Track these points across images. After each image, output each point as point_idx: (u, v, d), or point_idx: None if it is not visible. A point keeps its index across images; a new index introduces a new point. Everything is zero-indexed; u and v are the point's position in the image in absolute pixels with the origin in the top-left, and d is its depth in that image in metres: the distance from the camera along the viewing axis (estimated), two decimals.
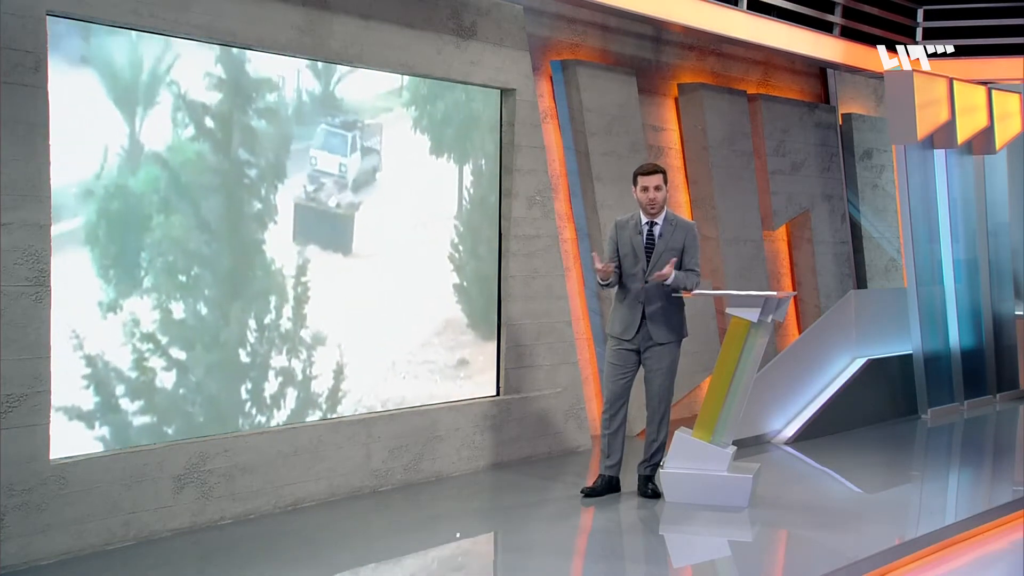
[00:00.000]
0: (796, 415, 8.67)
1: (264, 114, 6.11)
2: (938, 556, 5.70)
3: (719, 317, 9.39)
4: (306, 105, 6.33)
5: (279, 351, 6.19)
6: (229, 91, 5.92)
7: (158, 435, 5.61)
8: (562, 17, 8.43)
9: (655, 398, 6.40)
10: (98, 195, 5.36)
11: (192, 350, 5.77)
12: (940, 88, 10.14)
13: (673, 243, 6.30)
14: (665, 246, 6.29)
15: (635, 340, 6.31)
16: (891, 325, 9.72)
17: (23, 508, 4.97)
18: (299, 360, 6.28)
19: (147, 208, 5.57)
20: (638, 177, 6.34)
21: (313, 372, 6.37)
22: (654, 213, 6.31)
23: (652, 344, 6.30)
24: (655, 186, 6.30)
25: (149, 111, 5.56)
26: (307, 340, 6.33)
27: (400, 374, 6.85)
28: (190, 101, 5.74)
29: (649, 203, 6.29)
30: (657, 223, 6.33)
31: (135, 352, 5.52)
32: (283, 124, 6.22)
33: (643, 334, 6.29)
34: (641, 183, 6.32)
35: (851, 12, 10.94)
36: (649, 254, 6.28)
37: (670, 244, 6.30)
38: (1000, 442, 9.39)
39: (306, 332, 6.32)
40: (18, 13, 4.95)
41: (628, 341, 6.32)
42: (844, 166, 11.39)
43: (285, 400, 6.23)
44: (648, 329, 6.28)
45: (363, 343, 6.63)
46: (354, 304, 6.59)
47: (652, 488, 6.36)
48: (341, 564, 5.26)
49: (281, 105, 6.19)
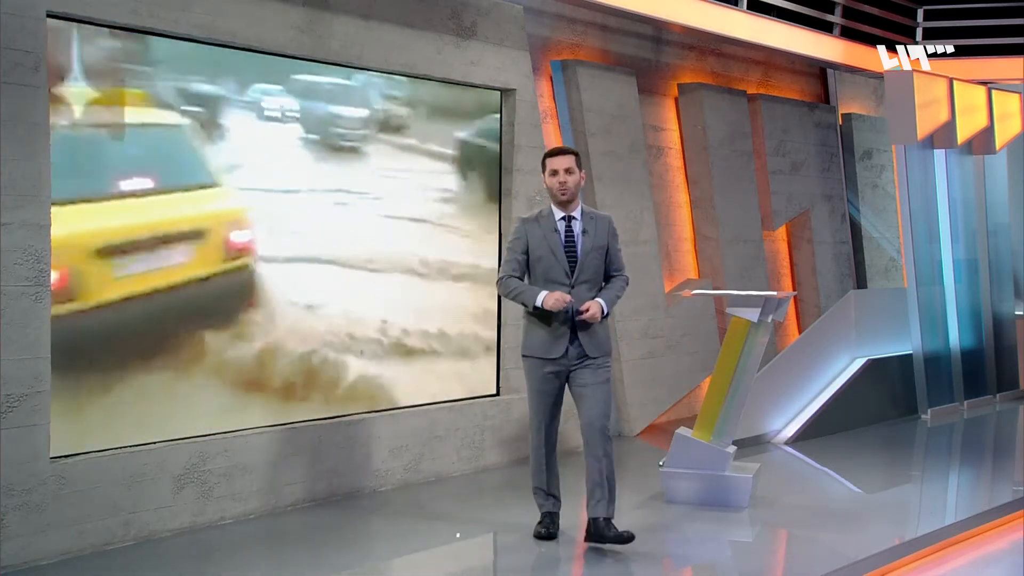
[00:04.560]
0: (796, 415, 8.68)
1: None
2: (938, 556, 5.71)
3: (719, 317, 9.40)
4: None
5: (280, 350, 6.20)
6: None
7: (158, 435, 5.61)
8: (562, 17, 8.43)
9: (598, 418, 5.26)
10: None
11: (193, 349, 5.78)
12: (940, 88, 10.15)
13: (598, 241, 5.34)
14: (591, 244, 5.31)
15: (563, 360, 5.28)
16: (891, 325, 9.73)
17: (23, 508, 4.98)
18: (299, 360, 6.29)
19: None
20: (546, 160, 5.38)
21: (313, 372, 6.37)
22: (567, 202, 5.31)
23: (586, 360, 5.31)
24: (566, 168, 5.29)
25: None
26: (307, 339, 6.33)
27: (400, 374, 6.85)
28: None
29: (560, 188, 5.27)
30: (575, 217, 5.33)
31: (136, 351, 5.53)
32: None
33: (575, 351, 5.28)
34: (550, 166, 5.33)
35: (851, 12, 10.94)
36: (571, 255, 5.29)
37: (596, 243, 5.33)
38: (1000, 442, 9.39)
39: (306, 332, 6.32)
40: (18, 13, 4.95)
41: (554, 362, 5.28)
42: (844, 166, 11.40)
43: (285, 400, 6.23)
44: (581, 345, 5.28)
45: (363, 343, 6.63)
46: (354, 304, 6.59)
47: (618, 531, 5.29)
48: (341, 564, 5.26)
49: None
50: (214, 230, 5.85)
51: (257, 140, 6.04)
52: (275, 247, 6.15)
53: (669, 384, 8.94)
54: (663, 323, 8.89)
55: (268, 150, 6.12)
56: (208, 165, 5.80)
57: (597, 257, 5.33)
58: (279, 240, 6.17)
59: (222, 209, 5.91)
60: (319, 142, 6.38)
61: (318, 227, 6.38)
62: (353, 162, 6.59)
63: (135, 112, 5.47)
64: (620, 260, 5.44)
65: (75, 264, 5.22)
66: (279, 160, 6.18)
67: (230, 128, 5.88)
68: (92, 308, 5.30)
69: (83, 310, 5.27)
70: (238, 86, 5.93)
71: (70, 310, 5.21)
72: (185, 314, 5.71)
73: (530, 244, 5.32)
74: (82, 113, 5.27)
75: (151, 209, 5.54)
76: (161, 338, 5.61)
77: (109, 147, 5.40)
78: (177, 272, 5.67)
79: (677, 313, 9.06)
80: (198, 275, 5.76)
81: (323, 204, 6.41)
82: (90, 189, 5.31)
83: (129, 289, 5.45)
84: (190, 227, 5.71)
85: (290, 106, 6.22)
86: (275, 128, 6.15)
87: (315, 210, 6.37)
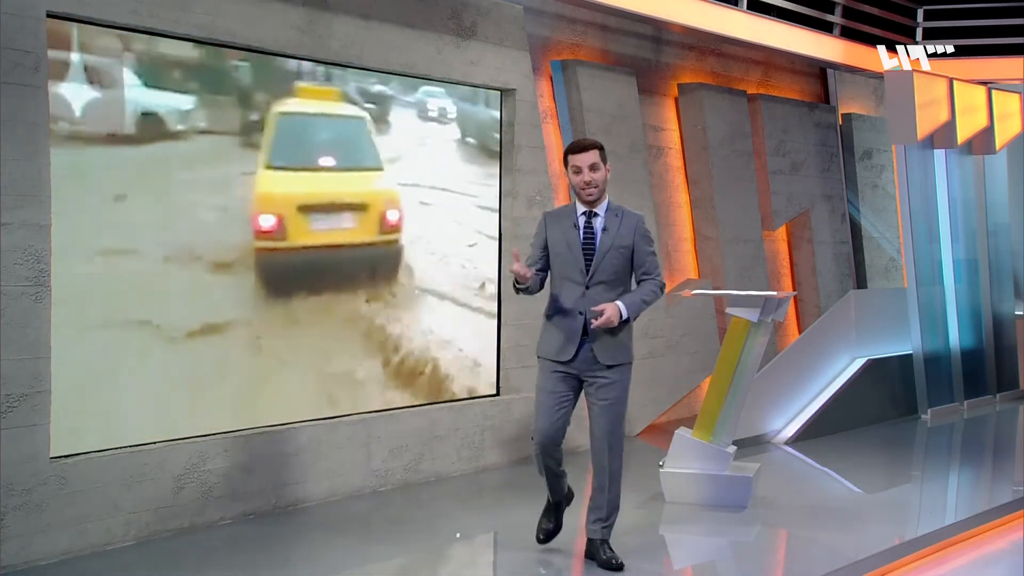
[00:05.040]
0: (796, 415, 8.68)
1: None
2: (938, 556, 5.71)
3: (719, 317, 9.39)
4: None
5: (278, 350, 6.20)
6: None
7: (158, 435, 5.61)
8: (562, 17, 8.43)
9: (603, 438, 4.94)
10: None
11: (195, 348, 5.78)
12: (940, 88, 10.15)
13: (620, 240, 4.93)
14: (611, 243, 4.91)
15: (574, 364, 4.92)
16: (891, 325, 9.73)
17: (23, 508, 4.97)
18: (298, 360, 6.29)
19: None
20: (568, 157, 4.97)
21: (313, 372, 6.37)
22: (592, 201, 4.95)
23: (598, 369, 4.91)
24: (590, 165, 4.90)
25: None
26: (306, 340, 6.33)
27: (399, 374, 6.85)
28: None
29: (584, 187, 4.92)
30: (598, 213, 4.96)
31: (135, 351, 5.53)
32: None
33: (584, 356, 4.90)
34: (572, 163, 4.94)
35: (851, 12, 10.94)
36: (588, 253, 4.91)
37: (616, 241, 4.92)
38: (1000, 442, 9.39)
39: (305, 331, 6.32)
40: (18, 13, 4.95)
41: (565, 364, 4.92)
42: (844, 166, 11.40)
43: (284, 400, 6.23)
44: (591, 350, 4.90)
45: (363, 343, 6.63)
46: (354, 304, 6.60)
47: (610, 556, 5.03)
48: (341, 564, 5.26)
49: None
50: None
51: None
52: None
53: (669, 384, 8.94)
54: (663, 323, 8.89)
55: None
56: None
57: (618, 257, 4.90)
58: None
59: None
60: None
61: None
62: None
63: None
64: (651, 263, 4.97)
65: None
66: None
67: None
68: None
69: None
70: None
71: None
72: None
73: (549, 239, 4.99)
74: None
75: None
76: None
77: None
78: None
79: (677, 313, 9.06)
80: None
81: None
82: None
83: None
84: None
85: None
86: None
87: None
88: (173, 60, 5.66)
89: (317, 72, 6.41)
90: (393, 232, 6.80)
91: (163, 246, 5.60)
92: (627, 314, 4.84)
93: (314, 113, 6.40)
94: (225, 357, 5.89)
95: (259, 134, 6.05)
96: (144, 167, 5.52)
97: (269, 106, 6.11)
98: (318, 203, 6.39)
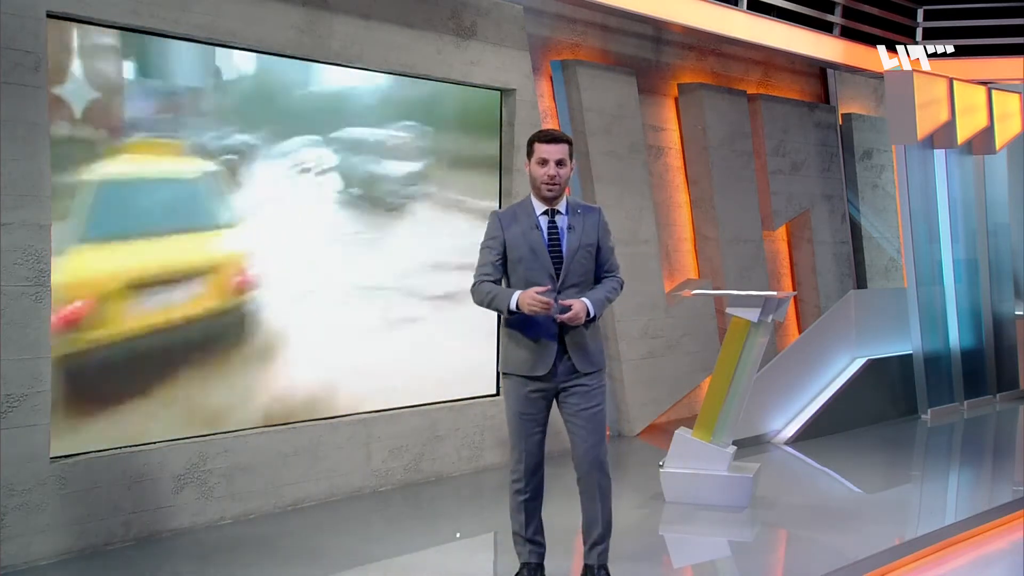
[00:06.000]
0: (796, 415, 8.68)
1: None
2: (938, 556, 5.70)
3: (719, 317, 9.40)
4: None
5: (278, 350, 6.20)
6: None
7: (158, 435, 5.61)
8: (562, 17, 8.43)
9: (590, 450, 4.51)
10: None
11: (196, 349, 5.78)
12: (940, 88, 10.15)
13: (586, 238, 4.51)
14: (579, 242, 4.48)
15: (551, 377, 4.47)
16: (891, 325, 9.73)
17: (23, 508, 4.97)
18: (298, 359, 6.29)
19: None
20: (535, 145, 4.48)
21: (313, 372, 6.37)
22: (552, 198, 4.48)
23: (576, 378, 4.49)
24: (557, 160, 4.44)
25: None
26: (306, 339, 6.33)
27: (399, 374, 6.85)
28: None
29: (548, 181, 4.44)
30: (560, 211, 4.50)
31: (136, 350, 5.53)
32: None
33: (564, 367, 4.47)
34: (539, 153, 4.46)
35: (851, 12, 10.93)
36: (556, 255, 4.47)
37: (584, 240, 4.50)
38: (1000, 442, 9.39)
39: (305, 331, 6.32)
40: (18, 13, 4.95)
41: (540, 380, 4.46)
42: (844, 166, 11.40)
43: (284, 399, 6.23)
44: (571, 360, 4.47)
45: (362, 343, 6.63)
46: (352, 304, 6.59)
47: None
48: (341, 564, 5.26)
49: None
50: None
51: None
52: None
53: (669, 384, 8.94)
54: (663, 323, 8.89)
55: None
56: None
57: (586, 256, 4.50)
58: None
59: None
60: None
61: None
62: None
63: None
64: (613, 260, 4.61)
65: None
66: None
67: None
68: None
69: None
70: None
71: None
72: None
73: (507, 243, 4.48)
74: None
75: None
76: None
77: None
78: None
79: (677, 313, 9.06)
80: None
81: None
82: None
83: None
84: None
85: None
86: None
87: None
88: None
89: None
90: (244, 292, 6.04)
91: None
92: (594, 312, 4.44)
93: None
94: None
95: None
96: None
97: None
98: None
